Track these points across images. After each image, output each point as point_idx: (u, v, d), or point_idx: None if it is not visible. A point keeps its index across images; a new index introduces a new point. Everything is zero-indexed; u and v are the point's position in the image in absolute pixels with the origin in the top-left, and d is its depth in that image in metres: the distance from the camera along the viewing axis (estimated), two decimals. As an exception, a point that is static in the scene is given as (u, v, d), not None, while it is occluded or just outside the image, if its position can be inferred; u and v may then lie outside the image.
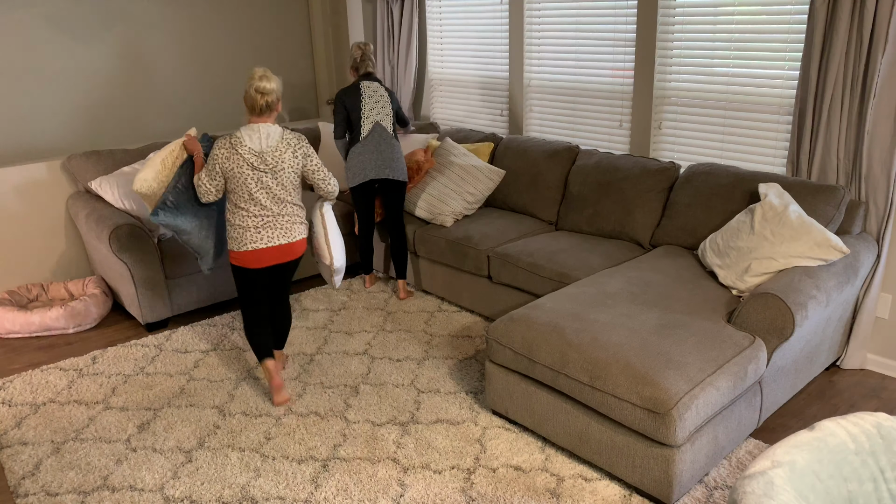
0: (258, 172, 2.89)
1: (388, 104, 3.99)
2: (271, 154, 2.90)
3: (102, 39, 4.59)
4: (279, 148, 2.92)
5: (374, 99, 3.94)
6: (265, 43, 5.41)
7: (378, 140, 3.93)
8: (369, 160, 3.92)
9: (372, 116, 3.92)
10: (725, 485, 2.54)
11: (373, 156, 3.93)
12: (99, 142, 4.73)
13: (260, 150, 2.89)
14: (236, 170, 2.88)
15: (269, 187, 2.92)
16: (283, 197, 2.97)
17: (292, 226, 3.02)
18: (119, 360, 3.60)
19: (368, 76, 4.01)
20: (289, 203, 3.00)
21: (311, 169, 3.05)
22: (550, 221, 4.08)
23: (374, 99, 3.94)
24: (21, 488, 2.64)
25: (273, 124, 2.95)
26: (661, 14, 3.68)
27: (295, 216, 3.03)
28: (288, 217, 3.00)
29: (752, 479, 1.54)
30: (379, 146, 3.93)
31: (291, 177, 2.97)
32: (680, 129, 3.78)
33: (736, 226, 3.05)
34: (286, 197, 2.98)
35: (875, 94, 2.94)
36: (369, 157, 3.92)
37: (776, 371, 2.75)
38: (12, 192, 4.14)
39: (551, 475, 2.61)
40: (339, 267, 3.35)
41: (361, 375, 3.36)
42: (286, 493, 2.57)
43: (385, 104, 3.98)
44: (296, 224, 3.03)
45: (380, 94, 3.97)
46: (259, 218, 2.95)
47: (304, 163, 3.02)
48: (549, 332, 2.65)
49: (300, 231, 3.06)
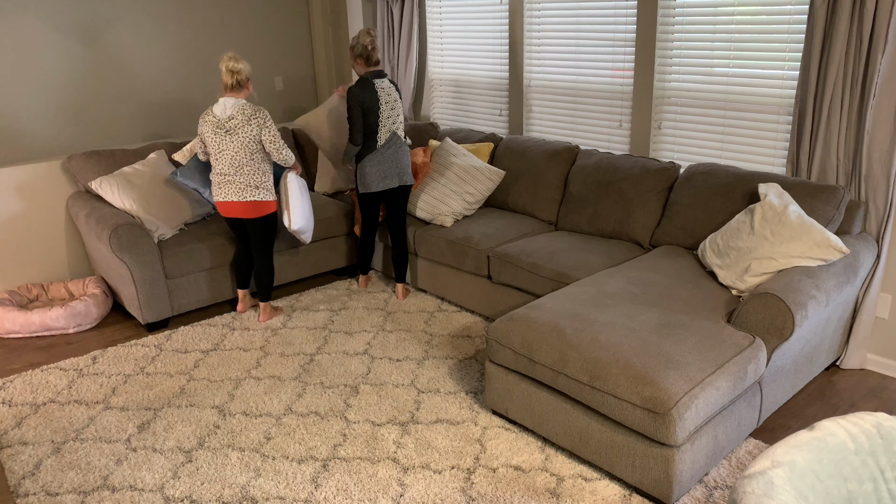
0: (218, 137, 3.47)
1: (401, 109, 3.88)
2: (228, 121, 3.44)
3: (102, 39, 4.59)
4: (235, 116, 3.43)
5: (389, 105, 3.78)
6: (265, 42, 5.41)
7: (395, 149, 3.84)
8: (390, 169, 3.84)
9: (388, 125, 3.79)
10: (725, 485, 2.54)
11: (392, 164, 3.84)
12: (99, 142, 4.73)
13: (221, 118, 3.45)
14: (205, 134, 3.52)
15: (226, 150, 3.47)
16: (240, 160, 3.49)
17: (245, 188, 3.53)
18: (119, 360, 3.60)
19: (379, 73, 3.79)
20: (245, 167, 3.50)
21: (266, 139, 3.50)
22: (550, 221, 4.08)
23: (389, 105, 3.78)
24: (21, 488, 2.64)
25: (241, 99, 3.47)
26: (661, 14, 3.68)
27: (250, 179, 3.53)
28: (243, 179, 3.52)
29: (752, 479, 1.54)
30: (396, 154, 3.85)
31: (247, 142, 3.46)
32: (680, 129, 3.78)
33: (736, 226, 3.05)
34: (242, 160, 3.49)
35: (875, 94, 2.94)
36: (389, 167, 3.83)
37: (776, 371, 2.75)
38: (12, 192, 4.14)
39: (551, 475, 2.61)
40: (298, 229, 3.82)
41: (361, 375, 3.37)
42: (286, 493, 2.57)
43: (399, 110, 3.86)
44: (249, 187, 3.54)
45: (394, 98, 3.81)
46: (221, 176, 3.56)
47: (260, 132, 3.47)
48: (549, 332, 2.65)
49: (252, 194, 3.54)
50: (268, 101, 5.56)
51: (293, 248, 4.35)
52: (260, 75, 5.45)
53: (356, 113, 3.72)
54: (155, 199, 4.02)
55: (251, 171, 3.52)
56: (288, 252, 4.34)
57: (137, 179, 4.04)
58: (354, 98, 3.70)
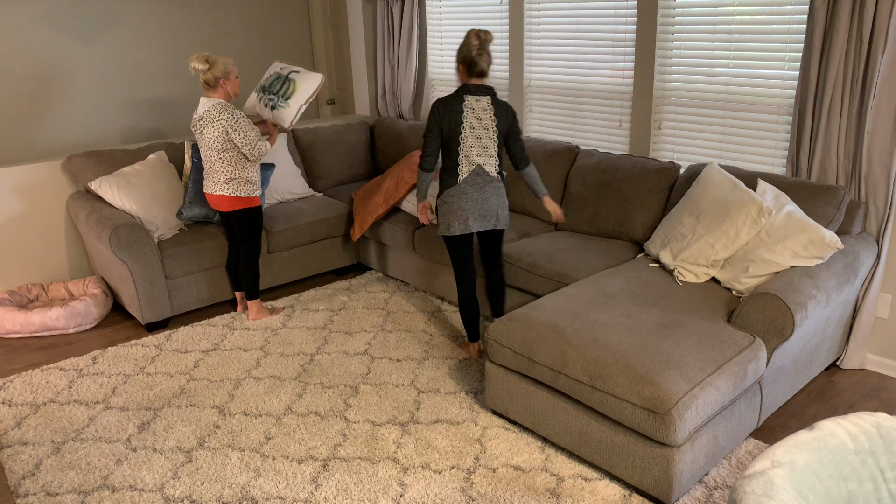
0: (196, 134, 3.61)
1: (496, 136, 3.13)
2: (199, 121, 3.55)
3: (101, 40, 4.59)
4: (204, 117, 3.52)
5: (476, 131, 3.08)
6: (265, 43, 5.41)
7: (482, 186, 3.15)
8: (471, 208, 3.15)
9: (471, 155, 3.10)
10: (725, 485, 2.54)
11: (475, 203, 3.15)
12: (99, 142, 4.73)
13: (195, 118, 3.57)
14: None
15: (202, 147, 3.61)
16: (210, 157, 3.59)
17: (217, 182, 3.64)
18: (119, 360, 3.60)
19: (479, 88, 3.08)
20: (216, 163, 3.59)
21: (238, 141, 3.53)
22: (550, 221, 4.08)
23: (476, 131, 3.08)
24: (21, 488, 2.64)
25: (217, 99, 3.52)
26: (661, 14, 3.68)
27: (221, 175, 3.61)
28: (215, 175, 3.63)
29: (752, 479, 1.54)
30: (483, 192, 3.15)
31: (212, 142, 3.54)
32: (680, 129, 3.78)
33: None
34: (212, 157, 3.58)
35: (875, 94, 2.94)
36: (471, 205, 3.15)
37: (776, 371, 2.75)
38: (12, 192, 4.14)
39: (551, 475, 2.61)
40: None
41: (361, 375, 3.37)
42: (286, 493, 2.57)
43: (491, 136, 3.12)
44: (220, 182, 3.63)
45: (486, 120, 3.09)
46: (204, 168, 3.74)
47: (226, 133, 3.51)
48: (549, 332, 2.65)
49: (223, 189, 3.63)
50: (268, 101, 5.55)
51: (292, 247, 4.35)
52: (260, 75, 5.44)
53: (431, 133, 3.12)
54: (155, 199, 4.02)
55: (222, 167, 3.59)
56: (288, 252, 4.34)
57: (137, 179, 4.04)
58: (432, 114, 3.10)
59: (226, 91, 3.54)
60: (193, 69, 3.48)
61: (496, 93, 3.27)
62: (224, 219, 3.88)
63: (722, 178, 3.13)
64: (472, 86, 3.10)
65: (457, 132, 3.09)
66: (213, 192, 3.67)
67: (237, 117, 3.51)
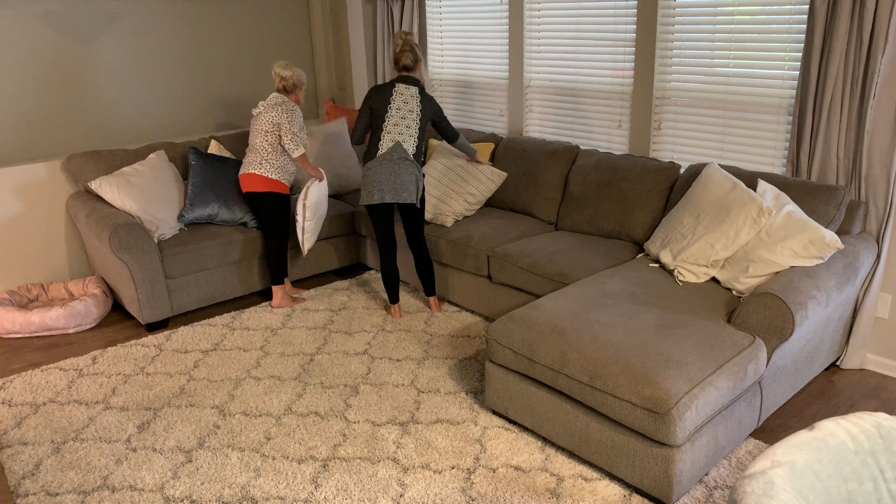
0: (253, 119, 3.90)
1: (418, 120, 3.62)
2: (264, 106, 3.83)
3: (101, 40, 4.59)
4: (269, 102, 3.82)
5: (401, 112, 3.58)
6: (265, 43, 5.41)
7: (396, 161, 3.59)
8: (385, 180, 3.59)
9: (393, 133, 3.59)
10: (725, 485, 2.54)
11: (388, 176, 3.59)
12: (99, 142, 4.73)
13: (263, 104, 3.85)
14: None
15: (252, 131, 3.88)
16: (256, 138, 3.86)
17: (251, 163, 3.87)
18: (119, 360, 3.60)
19: (408, 79, 3.62)
20: (257, 145, 3.85)
21: (284, 129, 3.80)
22: (550, 221, 4.08)
23: (401, 112, 3.58)
24: (21, 488, 2.64)
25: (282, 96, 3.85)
26: (661, 14, 3.68)
27: (257, 155, 3.86)
28: (252, 155, 3.88)
29: (752, 479, 1.54)
30: (397, 167, 3.59)
31: (265, 124, 3.81)
32: (679, 129, 3.78)
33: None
34: (256, 138, 3.86)
35: (875, 94, 2.94)
36: (384, 178, 3.59)
37: (776, 371, 2.75)
38: (12, 192, 4.14)
39: (551, 475, 2.61)
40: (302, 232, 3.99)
41: (361, 375, 3.37)
42: (286, 493, 2.57)
43: (414, 118, 3.61)
44: (254, 163, 3.86)
45: (412, 105, 3.60)
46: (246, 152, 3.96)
47: (279, 119, 3.79)
48: (549, 332, 2.65)
49: (256, 168, 3.85)
50: (268, 101, 5.56)
51: (292, 246, 4.35)
52: (260, 75, 5.45)
53: (363, 108, 3.68)
54: (155, 199, 4.02)
55: (262, 149, 3.84)
56: (288, 252, 4.33)
57: (137, 179, 4.04)
58: (367, 96, 3.67)
59: (297, 97, 3.93)
60: (278, 76, 3.83)
61: (424, 88, 3.76)
62: (253, 209, 4.15)
63: (722, 178, 3.13)
64: (402, 77, 3.66)
65: (384, 111, 3.61)
66: (247, 172, 3.86)
67: (296, 111, 3.84)
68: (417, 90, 3.63)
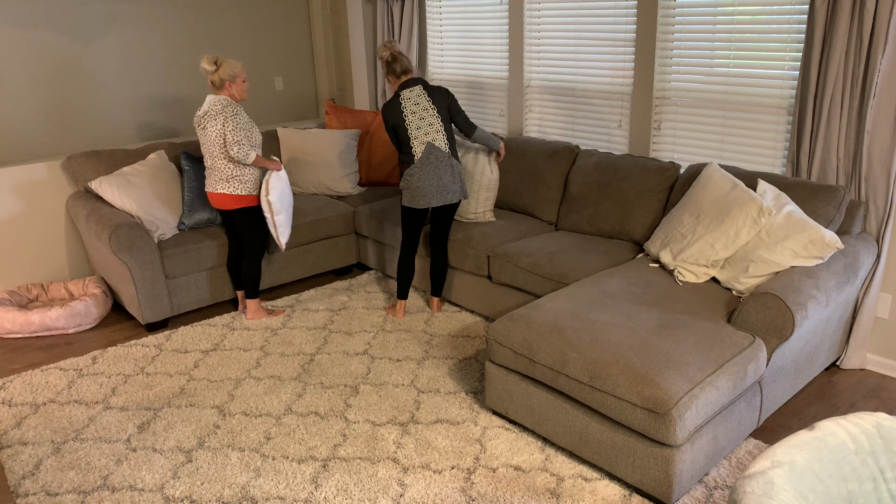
0: (198, 131, 3.63)
1: (435, 112, 3.57)
2: (202, 117, 3.57)
3: (101, 40, 4.59)
4: (208, 111, 3.55)
5: (417, 115, 3.54)
6: (265, 43, 5.41)
7: (436, 164, 3.57)
8: (429, 186, 3.58)
9: (421, 137, 3.55)
10: (725, 485, 2.54)
11: (432, 181, 3.58)
12: (99, 142, 4.73)
13: (198, 114, 3.60)
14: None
15: (203, 144, 3.62)
16: (212, 153, 3.61)
17: (217, 181, 3.65)
18: (119, 360, 3.60)
19: (409, 82, 3.58)
20: (216, 160, 3.61)
21: (227, 137, 3.53)
22: (550, 221, 4.08)
23: (417, 115, 3.54)
24: (21, 488, 2.64)
25: (220, 96, 3.56)
26: (661, 14, 3.68)
27: (220, 173, 3.63)
28: (214, 173, 3.65)
29: (752, 479, 1.54)
30: (437, 170, 3.57)
31: (214, 137, 3.55)
32: (679, 128, 3.78)
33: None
34: (213, 153, 3.60)
35: (875, 94, 2.94)
36: (429, 183, 3.58)
37: (776, 371, 2.75)
38: (12, 192, 4.14)
39: (551, 475, 2.61)
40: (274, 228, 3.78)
41: (361, 375, 3.37)
42: (286, 493, 2.57)
43: (432, 114, 3.56)
44: (220, 180, 3.64)
45: (423, 103, 3.55)
46: (206, 166, 3.71)
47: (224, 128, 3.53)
48: (549, 332, 2.65)
49: (223, 186, 3.64)
50: (268, 101, 5.56)
51: (292, 246, 4.35)
52: (260, 75, 5.45)
53: (388, 132, 3.64)
54: (155, 199, 4.02)
55: (223, 164, 3.61)
56: (288, 252, 4.34)
57: (137, 179, 4.04)
58: (382, 116, 3.63)
59: (231, 93, 3.59)
60: (203, 69, 3.54)
61: (427, 81, 3.67)
62: (224, 217, 3.89)
63: (722, 178, 3.13)
64: (403, 83, 3.60)
65: (402, 123, 3.56)
66: (213, 191, 3.67)
67: (237, 115, 3.54)
68: (421, 87, 3.59)
